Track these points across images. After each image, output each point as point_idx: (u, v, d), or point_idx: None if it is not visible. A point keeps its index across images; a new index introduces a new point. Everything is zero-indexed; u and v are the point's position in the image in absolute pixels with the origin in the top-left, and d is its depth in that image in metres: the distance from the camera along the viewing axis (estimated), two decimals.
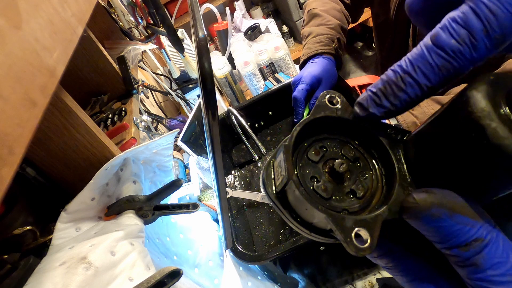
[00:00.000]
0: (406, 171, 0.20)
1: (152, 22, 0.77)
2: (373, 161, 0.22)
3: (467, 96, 0.16)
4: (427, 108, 0.53)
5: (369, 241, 0.17)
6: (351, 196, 0.20)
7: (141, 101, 0.94)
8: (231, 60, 1.39)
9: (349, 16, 0.86)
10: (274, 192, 0.20)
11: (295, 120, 0.77)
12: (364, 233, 0.17)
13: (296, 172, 0.20)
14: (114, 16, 0.92)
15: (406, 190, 0.19)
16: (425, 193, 0.17)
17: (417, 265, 0.19)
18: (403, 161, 0.20)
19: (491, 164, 0.16)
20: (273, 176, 0.21)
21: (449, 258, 0.17)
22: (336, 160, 0.20)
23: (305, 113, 0.77)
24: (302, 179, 0.20)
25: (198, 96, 1.30)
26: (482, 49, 0.16)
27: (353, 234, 0.17)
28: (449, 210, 0.16)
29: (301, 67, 0.82)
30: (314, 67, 0.76)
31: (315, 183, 0.20)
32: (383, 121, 0.21)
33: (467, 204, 0.17)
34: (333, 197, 0.20)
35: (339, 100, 0.22)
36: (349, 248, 0.17)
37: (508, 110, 0.15)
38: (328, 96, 0.22)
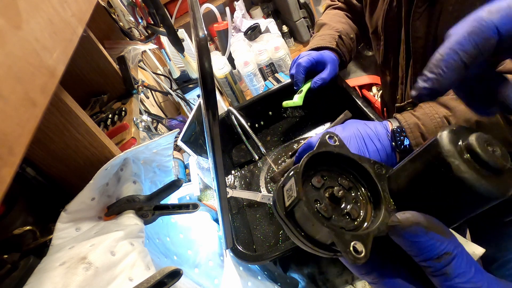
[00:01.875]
0: (390, 198, 0.25)
1: (152, 22, 0.77)
2: (363, 189, 0.26)
3: (436, 141, 0.21)
4: (429, 109, 0.52)
5: (363, 252, 0.20)
6: (347, 217, 0.25)
7: (141, 101, 0.94)
8: (231, 60, 1.39)
9: (358, 30, 0.88)
10: (284, 211, 0.24)
11: (295, 88, 0.79)
12: (359, 246, 0.21)
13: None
14: (114, 16, 0.92)
15: (391, 213, 0.23)
16: (405, 214, 0.21)
17: (398, 278, 0.23)
18: (387, 190, 0.25)
19: (456, 192, 0.21)
20: (282, 198, 0.24)
21: (425, 269, 0.21)
22: (335, 187, 0.25)
23: (304, 86, 0.79)
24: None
25: (198, 96, 1.30)
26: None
27: (351, 246, 0.21)
28: (425, 227, 0.20)
29: None
30: (321, 52, 0.79)
31: (318, 204, 0.24)
32: (371, 157, 0.24)
33: (439, 224, 0.21)
34: (333, 217, 0.24)
35: (337, 139, 0.27)
36: (348, 257, 0.20)
37: (468, 155, 0.20)
38: (328, 136, 0.27)
